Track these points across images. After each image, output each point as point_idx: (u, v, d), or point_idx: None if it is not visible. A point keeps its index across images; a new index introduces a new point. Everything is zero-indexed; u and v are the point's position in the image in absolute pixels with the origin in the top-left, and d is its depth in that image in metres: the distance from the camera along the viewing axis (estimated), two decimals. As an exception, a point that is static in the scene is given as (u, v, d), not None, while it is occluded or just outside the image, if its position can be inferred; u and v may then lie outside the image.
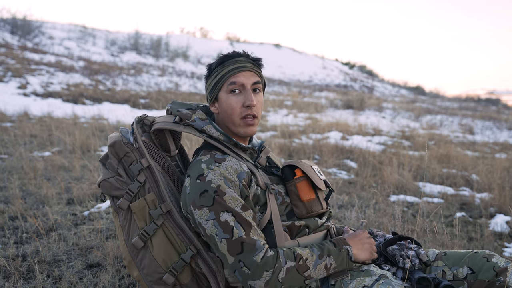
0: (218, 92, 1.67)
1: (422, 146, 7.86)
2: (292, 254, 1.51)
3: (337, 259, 1.56)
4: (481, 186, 4.96)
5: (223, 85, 1.65)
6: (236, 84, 1.63)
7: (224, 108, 1.66)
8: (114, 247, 2.66)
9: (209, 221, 1.50)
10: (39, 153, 5.41)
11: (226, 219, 1.49)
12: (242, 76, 1.64)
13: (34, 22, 24.10)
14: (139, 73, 18.30)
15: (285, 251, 1.51)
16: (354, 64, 43.20)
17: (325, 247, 1.57)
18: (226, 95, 1.65)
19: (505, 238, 3.39)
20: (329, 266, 1.54)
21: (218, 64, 1.67)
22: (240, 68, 1.64)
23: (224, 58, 1.67)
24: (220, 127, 1.71)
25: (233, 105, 1.64)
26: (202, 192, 1.52)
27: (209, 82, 1.69)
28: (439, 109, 19.34)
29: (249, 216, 1.53)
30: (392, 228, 3.11)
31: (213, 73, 1.67)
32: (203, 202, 1.51)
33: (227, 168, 1.57)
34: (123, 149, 1.68)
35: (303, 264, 1.51)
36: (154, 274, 1.64)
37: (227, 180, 1.53)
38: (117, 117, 9.23)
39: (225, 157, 1.62)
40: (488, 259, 1.66)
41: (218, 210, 1.49)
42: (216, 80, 1.66)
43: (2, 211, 3.35)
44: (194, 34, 41.61)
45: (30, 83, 12.23)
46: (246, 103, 1.63)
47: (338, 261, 1.56)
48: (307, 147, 6.45)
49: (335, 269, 1.56)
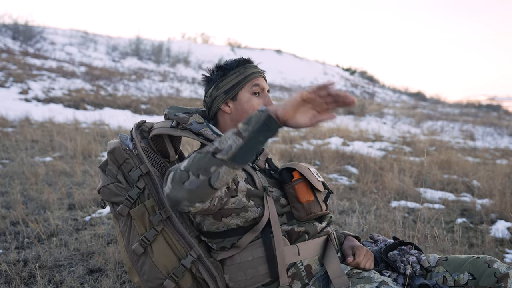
0: (238, 91, 1.68)
1: (423, 152, 7.86)
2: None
3: (244, 121, 1.30)
4: (482, 192, 4.95)
5: (246, 85, 1.67)
6: (259, 87, 1.68)
7: (244, 108, 1.67)
8: (115, 252, 2.66)
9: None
10: (40, 158, 5.42)
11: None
12: (262, 80, 1.70)
13: (35, 27, 24.16)
14: (140, 79, 18.33)
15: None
16: (355, 70, 43.23)
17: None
18: (248, 95, 1.67)
19: (506, 244, 3.38)
20: (236, 131, 1.28)
21: (237, 65, 1.69)
22: (260, 72, 1.71)
23: (242, 61, 1.70)
24: (228, 129, 1.70)
25: (255, 106, 1.67)
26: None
27: (227, 81, 1.68)
28: (440, 115, 19.35)
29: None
30: (393, 234, 3.11)
31: (233, 72, 1.68)
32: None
33: None
34: (123, 156, 1.69)
35: (203, 152, 1.32)
36: (154, 280, 1.64)
37: None
38: (118, 122, 9.24)
39: None
40: (489, 264, 1.66)
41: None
42: (238, 79, 1.67)
43: (4, 216, 3.35)
44: (195, 40, 41.69)
45: (31, 89, 12.26)
46: (267, 105, 1.68)
47: (245, 120, 1.29)
48: (308, 153, 6.45)
49: (248, 130, 1.27)
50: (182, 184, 1.30)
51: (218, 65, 1.72)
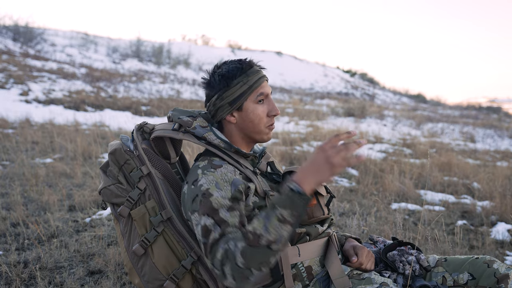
0: (243, 102, 1.63)
1: (423, 154, 7.86)
2: (241, 235, 1.41)
3: (285, 205, 1.36)
4: (482, 194, 4.96)
5: (251, 95, 1.63)
6: (263, 95, 1.64)
7: (250, 118, 1.64)
8: (116, 254, 2.66)
9: (198, 225, 1.48)
10: (40, 160, 5.42)
11: (205, 223, 1.46)
12: (265, 86, 1.65)
13: (36, 29, 24.18)
14: (141, 80, 18.34)
15: (234, 237, 1.42)
16: (355, 71, 43.25)
17: (269, 203, 1.42)
18: (253, 105, 1.63)
19: (506, 247, 3.39)
20: (282, 217, 1.35)
21: (239, 74, 1.63)
22: (263, 77, 1.65)
23: (245, 66, 1.64)
24: (233, 136, 1.69)
25: (261, 115, 1.64)
26: (194, 198, 1.51)
27: (231, 91, 1.62)
28: (440, 117, 19.36)
29: (235, 217, 1.47)
30: (393, 235, 3.11)
31: (236, 82, 1.62)
32: (194, 207, 1.50)
33: (222, 173, 1.55)
34: (124, 157, 1.69)
35: (254, 236, 1.36)
36: (155, 281, 1.64)
37: (219, 184, 1.51)
38: (119, 124, 9.25)
39: (222, 163, 1.60)
40: (489, 265, 1.66)
41: (202, 213, 1.47)
42: (243, 90, 1.62)
43: (4, 218, 3.35)
44: (196, 42, 41.73)
45: (32, 90, 12.27)
46: (272, 113, 1.65)
47: (288, 205, 1.35)
48: (308, 155, 6.46)
49: (294, 215, 1.35)
50: (247, 279, 1.37)
51: (220, 73, 1.64)
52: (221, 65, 1.67)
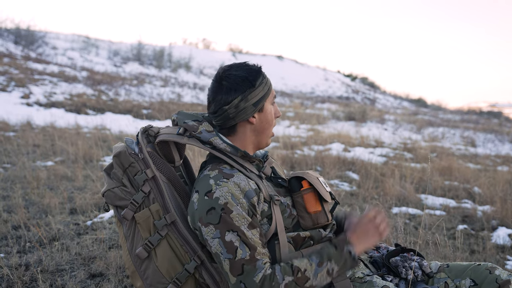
0: (264, 103, 1.67)
1: (424, 158, 7.86)
2: (290, 268, 1.49)
3: (339, 262, 1.53)
4: (483, 199, 4.96)
5: (269, 96, 1.68)
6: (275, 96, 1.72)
7: (268, 119, 1.68)
8: (117, 257, 2.67)
9: (215, 239, 1.49)
10: (42, 163, 5.43)
11: (231, 239, 1.48)
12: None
13: (37, 32, 24.26)
14: (142, 84, 18.38)
15: (282, 267, 1.50)
16: (356, 76, 43.31)
17: (325, 252, 1.54)
18: (270, 106, 1.69)
19: (507, 251, 3.39)
20: (331, 272, 1.52)
21: (259, 75, 1.65)
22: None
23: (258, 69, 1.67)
24: (245, 140, 1.69)
25: (273, 116, 1.71)
26: (209, 209, 1.51)
27: (255, 93, 1.62)
28: (441, 122, 19.36)
29: (256, 234, 1.52)
30: (394, 240, 3.12)
31: (259, 83, 1.63)
32: (210, 219, 1.50)
33: (235, 183, 1.55)
34: (128, 160, 1.68)
35: (302, 276, 1.48)
36: (157, 285, 1.64)
37: (234, 197, 1.52)
38: (120, 127, 9.27)
39: (233, 172, 1.59)
40: (490, 271, 1.66)
41: (224, 229, 1.49)
42: (264, 91, 1.65)
43: (5, 220, 3.36)
44: (197, 45, 41.83)
45: (33, 93, 12.29)
46: (277, 114, 1.72)
47: (341, 264, 1.54)
48: (309, 159, 6.46)
49: (339, 273, 1.54)
50: None
51: (240, 75, 1.62)
52: (233, 68, 1.65)
